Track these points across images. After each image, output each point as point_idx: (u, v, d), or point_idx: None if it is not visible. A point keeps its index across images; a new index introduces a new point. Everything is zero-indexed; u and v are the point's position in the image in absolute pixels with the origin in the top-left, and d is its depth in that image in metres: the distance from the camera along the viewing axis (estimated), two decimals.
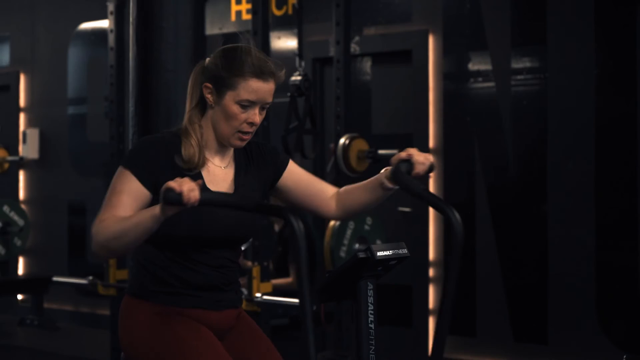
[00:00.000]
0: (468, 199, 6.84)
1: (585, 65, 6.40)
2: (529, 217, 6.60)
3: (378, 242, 6.40)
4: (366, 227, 6.31)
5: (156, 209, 2.67)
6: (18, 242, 7.79)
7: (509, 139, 6.69)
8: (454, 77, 6.96)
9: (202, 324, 2.95)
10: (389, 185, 2.95)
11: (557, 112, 6.50)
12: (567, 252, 6.44)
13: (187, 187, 2.60)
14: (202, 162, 2.94)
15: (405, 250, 2.71)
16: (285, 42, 7.70)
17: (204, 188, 2.80)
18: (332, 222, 6.17)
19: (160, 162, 2.89)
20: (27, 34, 9.60)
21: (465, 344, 6.86)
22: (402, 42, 7.23)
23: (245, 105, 2.89)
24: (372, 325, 2.71)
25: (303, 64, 6.25)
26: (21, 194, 9.55)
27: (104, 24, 7.55)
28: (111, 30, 7.31)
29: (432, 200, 2.81)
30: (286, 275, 6.54)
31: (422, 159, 2.88)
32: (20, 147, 9.38)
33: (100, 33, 8.16)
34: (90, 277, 7.25)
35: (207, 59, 3.00)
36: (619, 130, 6.31)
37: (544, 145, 6.55)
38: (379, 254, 2.65)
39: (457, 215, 2.66)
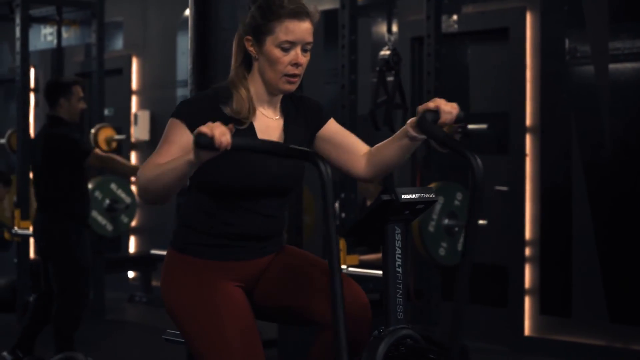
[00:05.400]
0: (565, 178, 6.76)
1: None
2: (627, 196, 6.48)
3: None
4: (456, 203, 6.27)
5: (191, 154, 2.71)
6: (125, 220, 7.89)
7: (606, 117, 6.58)
8: (552, 54, 6.87)
9: (240, 273, 3.04)
10: (414, 133, 2.91)
11: None
12: None
13: (218, 132, 2.62)
14: (252, 113, 3.01)
15: (432, 195, 2.70)
16: (382, 20, 7.72)
17: (252, 137, 2.87)
18: None
19: (211, 112, 2.94)
20: (139, 19, 9.86)
21: (560, 324, 6.78)
22: (500, 19, 7.18)
23: (286, 47, 2.95)
24: (399, 270, 2.72)
25: (392, 38, 6.26)
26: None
27: None
28: None
29: (455, 146, 2.74)
30: (377, 250, 6.56)
31: (448, 108, 2.84)
32: (132, 129, 9.63)
33: None
34: None
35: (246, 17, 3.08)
36: None
37: None
38: (404, 196, 2.65)
39: (479, 162, 2.62)
